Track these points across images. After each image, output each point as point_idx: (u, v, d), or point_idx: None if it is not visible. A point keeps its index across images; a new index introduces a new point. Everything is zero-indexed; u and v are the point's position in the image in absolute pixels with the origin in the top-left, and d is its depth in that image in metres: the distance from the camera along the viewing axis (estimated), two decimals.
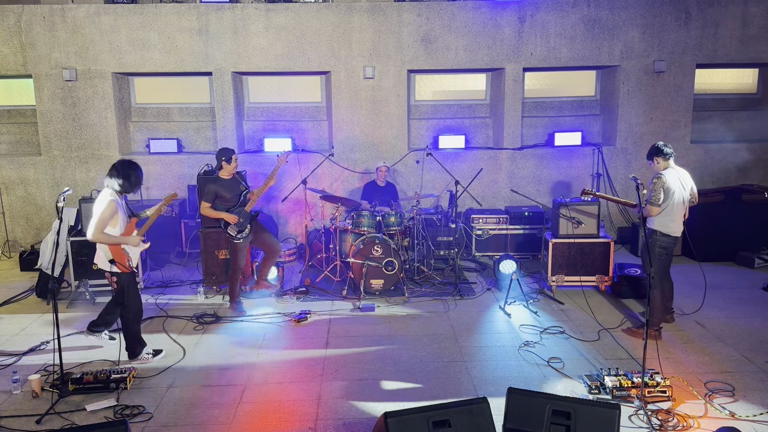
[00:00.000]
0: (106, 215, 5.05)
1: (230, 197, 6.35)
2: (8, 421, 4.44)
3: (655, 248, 5.76)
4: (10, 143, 9.60)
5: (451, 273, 7.66)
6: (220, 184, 6.34)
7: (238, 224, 6.34)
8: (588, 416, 3.70)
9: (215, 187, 6.31)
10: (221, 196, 6.32)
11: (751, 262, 8.00)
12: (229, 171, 6.37)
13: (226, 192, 6.34)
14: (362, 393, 4.82)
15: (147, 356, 5.43)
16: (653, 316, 5.68)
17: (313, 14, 8.86)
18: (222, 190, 6.32)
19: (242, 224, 6.36)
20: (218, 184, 6.33)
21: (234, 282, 6.55)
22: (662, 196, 5.64)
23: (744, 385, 4.83)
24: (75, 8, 8.76)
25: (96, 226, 5.04)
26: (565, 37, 9.05)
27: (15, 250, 9.11)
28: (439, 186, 9.25)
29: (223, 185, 6.35)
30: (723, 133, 9.82)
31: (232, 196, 6.36)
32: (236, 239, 6.37)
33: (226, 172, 6.36)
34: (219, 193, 6.31)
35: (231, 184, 6.40)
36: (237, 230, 6.35)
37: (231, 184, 6.39)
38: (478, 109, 9.78)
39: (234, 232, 6.35)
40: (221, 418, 4.46)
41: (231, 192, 6.36)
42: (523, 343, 5.69)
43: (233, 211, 6.34)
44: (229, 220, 6.29)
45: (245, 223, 6.39)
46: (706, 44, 9.14)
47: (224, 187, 6.34)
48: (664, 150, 5.77)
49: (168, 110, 9.58)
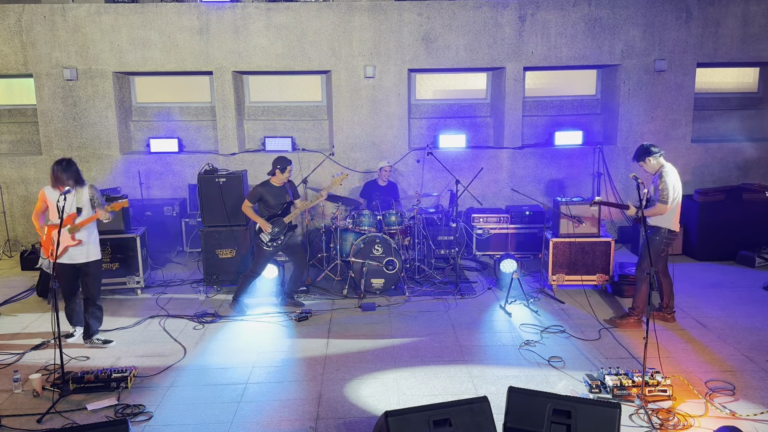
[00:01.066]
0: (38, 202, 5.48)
1: (274, 204, 6.42)
2: (9, 420, 4.44)
3: (661, 246, 5.83)
4: (11, 142, 9.60)
5: (451, 272, 7.66)
6: (268, 189, 6.43)
7: (272, 232, 6.37)
8: (588, 415, 3.70)
9: (262, 191, 6.40)
10: (266, 201, 6.40)
11: (752, 262, 7.99)
12: (281, 179, 6.45)
13: (272, 198, 6.42)
14: (363, 392, 4.82)
15: (97, 341, 5.73)
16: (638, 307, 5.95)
17: (313, 13, 8.86)
18: (268, 195, 6.40)
19: (276, 233, 6.39)
20: (266, 189, 6.42)
21: (246, 283, 6.57)
22: (671, 193, 5.68)
23: (745, 384, 4.83)
24: (76, 7, 8.76)
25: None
26: (566, 36, 9.04)
27: (16, 250, 9.12)
28: (440, 185, 9.25)
29: (270, 191, 6.43)
30: (724, 132, 9.82)
31: (276, 204, 6.43)
32: (266, 246, 6.40)
33: (278, 179, 6.45)
34: (264, 198, 6.39)
35: (279, 191, 6.47)
36: (269, 238, 6.38)
37: (279, 192, 6.47)
38: (478, 108, 9.78)
39: (266, 238, 6.37)
40: (222, 417, 4.47)
41: (276, 199, 6.44)
42: (523, 342, 5.69)
43: (274, 220, 6.39)
44: (264, 228, 6.35)
45: (280, 233, 6.41)
46: (707, 43, 9.13)
47: (271, 193, 6.42)
48: (653, 149, 5.85)
49: (168, 109, 9.58)
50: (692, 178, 9.43)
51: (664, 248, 5.85)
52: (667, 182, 5.71)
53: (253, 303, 6.81)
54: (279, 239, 6.43)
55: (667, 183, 5.71)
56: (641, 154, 5.90)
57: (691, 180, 9.42)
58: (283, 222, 6.43)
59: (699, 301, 6.74)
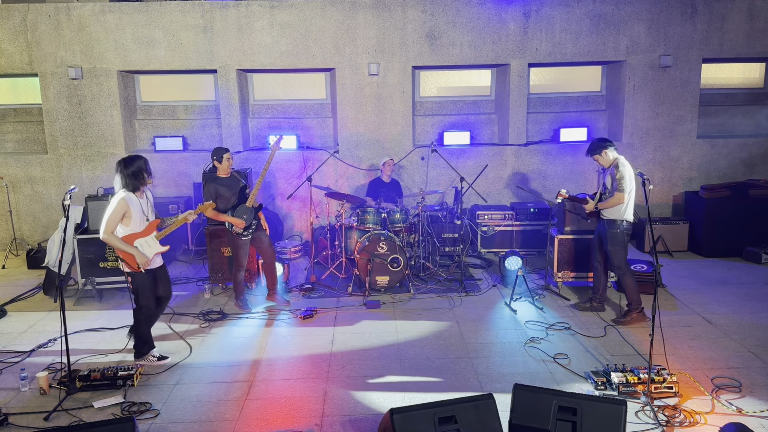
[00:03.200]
0: (115, 214, 4.96)
1: (230, 195, 6.37)
2: (17, 418, 4.47)
3: (624, 237, 5.96)
4: (17, 142, 9.64)
5: (456, 269, 7.65)
6: (219, 183, 6.37)
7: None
8: (594, 412, 3.70)
9: (215, 186, 6.33)
10: (221, 194, 6.33)
11: (758, 258, 7.95)
12: (225, 169, 6.40)
13: (226, 190, 6.36)
14: (368, 389, 4.83)
15: (152, 358, 5.36)
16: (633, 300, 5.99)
17: (317, 11, 8.86)
18: (221, 188, 6.34)
19: (248, 220, 6.37)
20: (217, 183, 6.36)
21: (238, 279, 6.57)
22: (628, 183, 5.85)
23: (751, 381, 4.81)
24: (80, 6, 8.78)
25: (105, 225, 4.97)
26: (571, 33, 9.01)
27: (22, 248, 9.16)
28: (444, 182, 9.24)
29: (222, 183, 6.37)
30: (729, 128, 9.77)
31: (231, 194, 6.38)
32: (243, 236, 6.38)
33: (222, 170, 6.40)
34: (219, 192, 6.33)
35: (230, 182, 6.42)
36: (243, 227, 6.37)
37: (230, 182, 6.42)
38: (483, 105, 9.76)
39: (240, 229, 6.36)
40: (228, 415, 4.48)
41: (230, 190, 6.38)
42: (528, 339, 5.68)
43: (236, 211, 6.35)
44: (237, 225, 6.30)
45: (250, 218, 6.39)
46: (713, 39, 9.09)
47: (223, 185, 6.37)
48: (607, 143, 5.96)
49: (173, 108, 9.59)
50: (698, 174, 9.39)
51: (626, 239, 5.97)
52: (623, 172, 5.83)
53: (258, 301, 6.83)
54: (251, 225, 6.41)
55: (624, 173, 5.83)
56: (596, 148, 5.97)
57: (697, 176, 9.39)
58: (247, 207, 6.39)
59: (705, 297, 6.71)
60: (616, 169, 5.86)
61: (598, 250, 6.24)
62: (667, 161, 9.38)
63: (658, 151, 9.35)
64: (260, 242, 6.58)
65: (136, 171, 5.03)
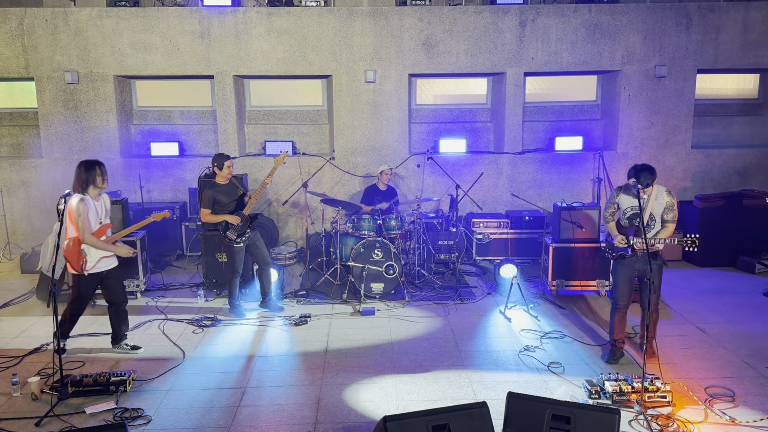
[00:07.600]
0: (83, 217, 5.18)
1: (228, 202, 6.38)
2: (8, 423, 4.43)
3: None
4: (12, 146, 9.62)
5: (451, 277, 7.65)
6: (217, 190, 6.38)
7: (237, 228, 6.35)
8: (588, 421, 3.69)
9: (213, 193, 6.34)
10: (219, 201, 6.34)
11: (752, 268, 7.98)
12: (224, 176, 6.41)
13: (224, 197, 6.37)
14: (362, 397, 4.81)
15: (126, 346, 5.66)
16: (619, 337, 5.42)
17: (314, 18, 8.88)
18: (219, 195, 6.35)
19: (241, 227, 6.37)
20: (215, 190, 6.37)
21: (232, 285, 6.55)
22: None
23: (744, 391, 4.82)
24: (77, 11, 8.79)
25: (82, 232, 5.22)
26: (566, 42, 9.06)
27: (16, 253, 9.12)
28: (440, 190, 9.26)
29: (220, 190, 6.38)
30: (724, 138, 9.83)
31: (229, 201, 6.38)
32: (235, 243, 6.38)
33: (222, 177, 6.41)
34: (217, 198, 6.34)
35: (228, 188, 6.42)
36: (236, 234, 6.36)
37: (228, 189, 6.42)
38: (479, 113, 9.79)
39: (234, 236, 6.35)
40: (220, 422, 4.46)
41: (228, 197, 6.39)
42: (523, 348, 5.68)
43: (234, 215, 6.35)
44: (232, 221, 6.31)
45: (244, 226, 6.39)
46: (707, 49, 9.15)
47: (221, 192, 6.38)
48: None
49: (169, 113, 9.59)
50: (692, 184, 9.43)
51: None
52: (674, 199, 5.23)
53: (252, 307, 6.81)
54: (246, 233, 6.41)
55: (674, 199, 5.24)
56: (652, 175, 5.14)
57: (691, 186, 9.43)
58: (243, 215, 6.40)
59: (699, 307, 6.73)
60: (672, 197, 5.24)
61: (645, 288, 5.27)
62: (662, 171, 9.40)
63: (653, 161, 9.37)
64: (255, 248, 6.57)
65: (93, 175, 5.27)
